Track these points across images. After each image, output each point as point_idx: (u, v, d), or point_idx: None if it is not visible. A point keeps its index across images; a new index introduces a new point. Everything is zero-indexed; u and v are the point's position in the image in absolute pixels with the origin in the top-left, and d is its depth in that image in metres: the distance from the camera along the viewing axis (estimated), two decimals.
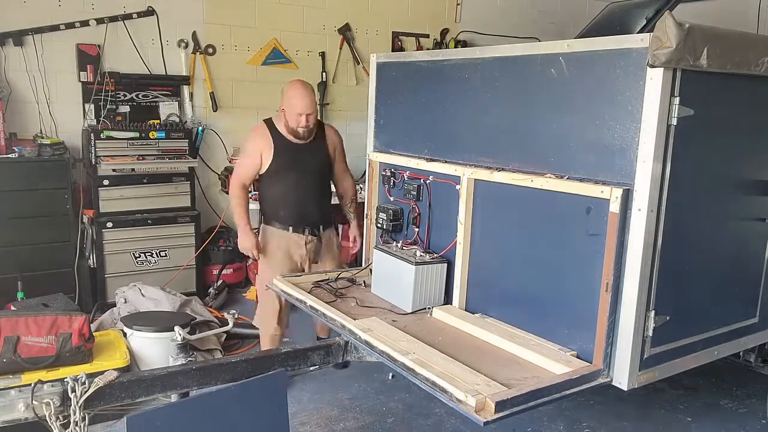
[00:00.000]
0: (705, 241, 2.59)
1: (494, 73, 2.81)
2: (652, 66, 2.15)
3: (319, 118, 3.76)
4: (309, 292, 3.14)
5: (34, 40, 4.71)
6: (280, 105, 3.60)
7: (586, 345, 2.43)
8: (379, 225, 3.45)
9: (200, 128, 5.39)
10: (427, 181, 3.16)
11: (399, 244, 3.21)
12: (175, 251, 5.00)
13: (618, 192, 2.26)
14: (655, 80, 2.17)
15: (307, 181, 3.64)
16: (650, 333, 2.38)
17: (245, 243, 3.60)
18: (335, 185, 3.93)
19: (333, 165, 3.80)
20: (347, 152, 3.94)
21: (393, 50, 6.22)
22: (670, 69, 2.16)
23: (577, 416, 3.47)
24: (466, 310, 2.95)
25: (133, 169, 4.79)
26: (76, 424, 2.22)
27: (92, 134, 4.69)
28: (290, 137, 3.57)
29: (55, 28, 4.78)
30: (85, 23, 4.87)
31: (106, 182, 4.73)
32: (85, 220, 4.74)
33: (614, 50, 2.29)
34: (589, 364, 2.39)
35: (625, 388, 2.36)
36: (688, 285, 2.55)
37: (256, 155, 3.58)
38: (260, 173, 3.62)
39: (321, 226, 3.71)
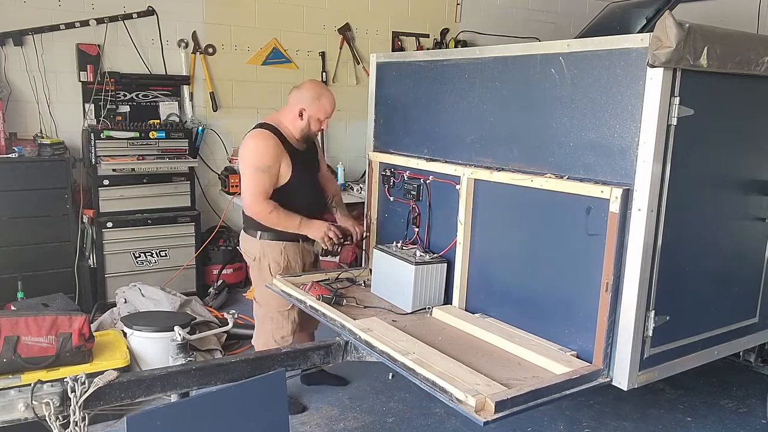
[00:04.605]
0: (705, 240, 2.59)
1: (494, 73, 2.81)
2: (652, 66, 2.15)
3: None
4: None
5: (34, 40, 4.71)
6: (299, 107, 3.19)
7: (586, 345, 2.43)
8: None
9: (200, 128, 5.39)
10: (427, 181, 3.16)
11: (399, 244, 3.21)
12: (175, 251, 5.00)
13: (618, 192, 2.26)
14: (655, 80, 2.17)
15: (315, 189, 3.46)
16: (650, 333, 2.38)
17: (319, 231, 3.23)
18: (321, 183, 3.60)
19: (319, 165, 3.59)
20: (347, 152, 3.86)
21: (393, 50, 6.22)
22: (670, 69, 2.16)
23: (577, 416, 3.47)
24: (466, 310, 2.95)
25: (133, 169, 4.78)
26: (76, 424, 2.22)
27: (92, 134, 4.69)
28: (295, 144, 3.26)
29: (55, 28, 4.78)
30: (85, 23, 4.87)
31: (106, 182, 4.73)
32: (85, 220, 4.74)
33: (614, 50, 2.29)
34: (589, 364, 2.39)
35: (625, 388, 2.37)
36: (688, 285, 2.55)
37: (276, 169, 3.16)
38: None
39: None
